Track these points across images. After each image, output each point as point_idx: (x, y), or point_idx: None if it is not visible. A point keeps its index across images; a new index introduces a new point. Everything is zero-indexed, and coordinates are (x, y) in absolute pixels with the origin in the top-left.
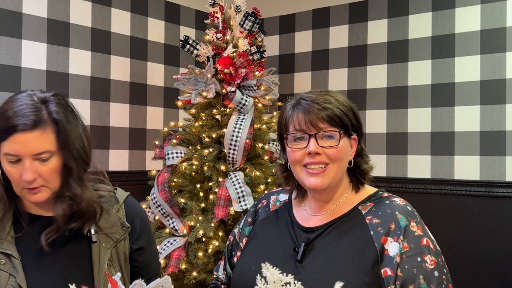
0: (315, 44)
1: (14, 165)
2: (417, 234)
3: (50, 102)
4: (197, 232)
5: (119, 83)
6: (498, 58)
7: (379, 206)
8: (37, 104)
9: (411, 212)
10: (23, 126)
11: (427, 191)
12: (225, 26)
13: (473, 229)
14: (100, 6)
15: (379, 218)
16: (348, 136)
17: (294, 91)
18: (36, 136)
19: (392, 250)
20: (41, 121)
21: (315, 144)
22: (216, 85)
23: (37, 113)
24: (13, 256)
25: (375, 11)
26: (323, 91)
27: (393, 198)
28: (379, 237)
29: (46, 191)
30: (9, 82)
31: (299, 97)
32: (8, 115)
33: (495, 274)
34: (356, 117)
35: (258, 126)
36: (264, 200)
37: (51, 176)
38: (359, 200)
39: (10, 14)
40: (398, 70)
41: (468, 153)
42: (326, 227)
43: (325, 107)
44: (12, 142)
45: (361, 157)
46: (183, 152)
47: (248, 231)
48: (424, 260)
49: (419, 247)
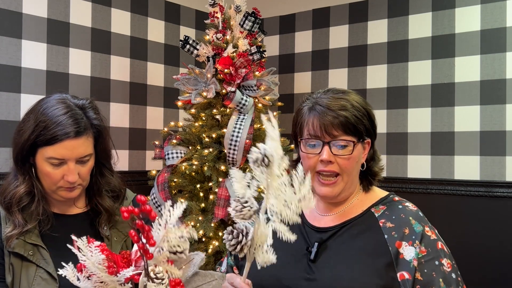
0: (315, 44)
1: (56, 167)
2: (433, 238)
3: (88, 109)
4: (197, 232)
5: (119, 83)
6: (498, 58)
7: (392, 210)
8: (78, 111)
9: (423, 217)
10: (73, 134)
11: (427, 191)
12: (225, 26)
13: (473, 229)
14: (100, 6)
15: (393, 222)
16: (362, 141)
17: (294, 91)
18: (82, 142)
19: (408, 254)
20: (86, 127)
21: (329, 152)
22: (216, 85)
23: (81, 120)
24: (42, 247)
25: (375, 11)
26: (340, 93)
27: (405, 203)
28: (394, 241)
29: (80, 188)
30: (9, 82)
31: (315, 101)
32: (53, 122)
33: (495, 274)
34: (371, 121)
35: (258, 126)
36: None
37: (87, 175)
38: (371, 202)
39: (10, 14)
40: (398, 70)
41: (468, 153)
42: (339, 228)
43: (340, 115)
44: (60, 148)
45: (373, 160)
46: (183, 152)
47: None
48: (441, 264)
49: (436, 251)
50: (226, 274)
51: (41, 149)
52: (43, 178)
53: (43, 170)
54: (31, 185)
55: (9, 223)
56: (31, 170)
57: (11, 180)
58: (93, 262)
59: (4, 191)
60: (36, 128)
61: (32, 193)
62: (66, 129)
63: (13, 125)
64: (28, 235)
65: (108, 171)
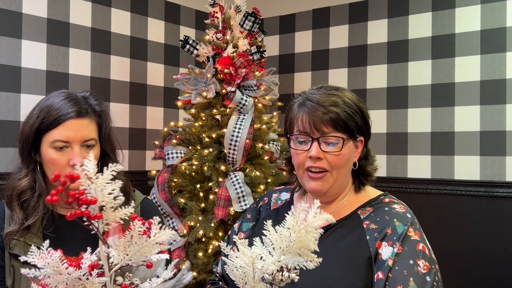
0: (315, 44)
1: (60, 152)
2: (413, 238)
3: (90, 98)
4: (197, 232)
5: (119, 83)
6: (498, 58)
7: (378, 212)
8: (80, 98)
9: (410, 218)
10: (75, 113)
11: (427, 191)
12: (225, 26)
13: (473, 229)
14: (100, 6)
15: (376, 224)
16: (354, 139)
17: (294, 91)
18: (86, 123)
19: (385, 254)
20: (88, 111)
21: (317, 148)
22: (216, 85)
23: (84, 104)
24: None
25: (375, 11)
26: (333, 89)
27: (393, 205)
28: (374, 242)
29: None
30: (9, 82)
31: (306, 96)
32: (55, 106)
33: (495, 274)
34: (364, 119)
35: (258, 126)
36: (266, 198)
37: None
38: (359, 204)
39: (10, 14)
40: (398, 70)
41: (468, 153)
42: (324, 230)
43: (330, 111)
44: (64, 128)
45: (366, 159)
46: (183, 152)
47: (246, 227)
48: (417, 264)
49: (413, 251)
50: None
51: (46, 135)
52: (49, 169)
53: (48, 158)
54: (33, 180)
55: (13, 223)
56: (35, 163)
57: (15, 173)
58: (52, 267)
59: (7, 185)
60: (40, 114)
61: (33, 188)
62: (68, 110)
63: (13, 125)
64: (29, 237)
65: None
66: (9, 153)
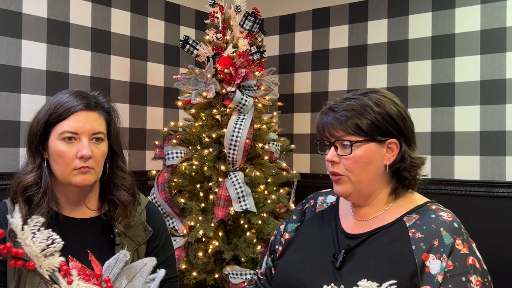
0: (315, 44)
1: (69, 144)
2: (463, 252)
3: (98, 96)
4: (197, 232)
5: (119, 83)
6: (498, 58)
7: (424, 220)
8: (90, 94)
9: (457, 229)
10: (86, 106)
11: (427, 191)
12: (225, 26)
13: (473, 229)
14: (100, 6)
15: (422, 233)
16: (379, 141)
17: (294, 91)
18: (95, 116)
19: (434, 268)
20: (96, 106)
21: (332, 152)
22: (216, 85)
23: (92, 99)
24: None
25: (375, 11)
26: (360, 94)
27: (440, 212)
28: (421, 253)
29: (93, 174)
30: (9, 82)
31: (328, 104)
32: (64, 100)
33: (495, 274)
34: (393, 120)
35: (258, 126)
36: (312, 200)
37: (101, 159)
38: (405, 210)
39: (10, 14)
40: (398, 70)
41: (468, 153)
42: (368, 235)
43: (341, 115)
44: (73, 120)
45: (403, 162)
46: (183, 152)
47: (291, 228)
48: (469, 280)
49: (464, 266)
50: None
51: (54, 127)
52: (57, 163)
53: (56, 151)
54: (39, 176)
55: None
56: (42, 160)
57: (22, 169)
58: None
59: (13, 180)
60: (49, 109)
61: (39, 184)
62: (77, 102)
63: (13, 125)
64: None
65: (122, 165)
66: (9, 153)
